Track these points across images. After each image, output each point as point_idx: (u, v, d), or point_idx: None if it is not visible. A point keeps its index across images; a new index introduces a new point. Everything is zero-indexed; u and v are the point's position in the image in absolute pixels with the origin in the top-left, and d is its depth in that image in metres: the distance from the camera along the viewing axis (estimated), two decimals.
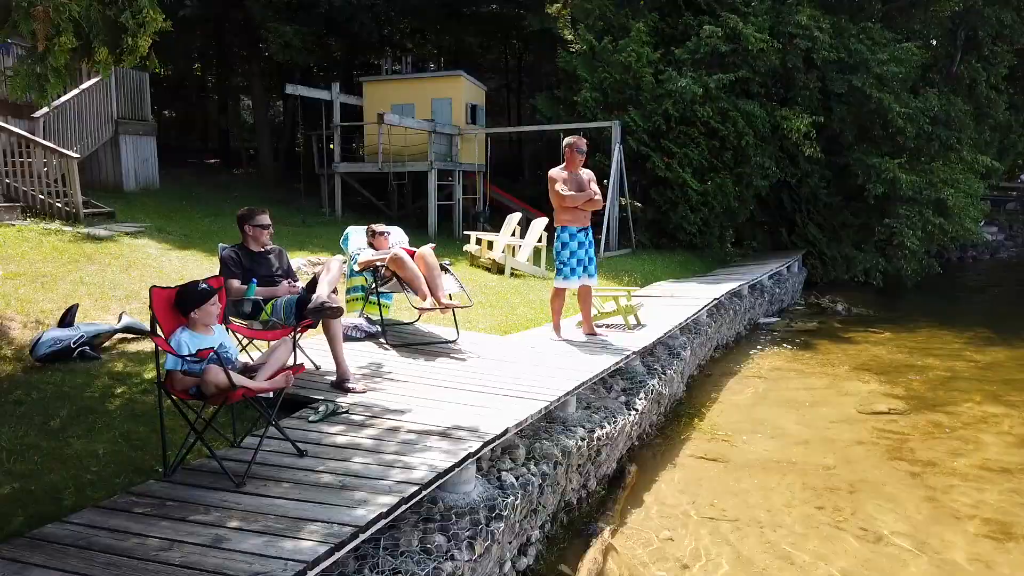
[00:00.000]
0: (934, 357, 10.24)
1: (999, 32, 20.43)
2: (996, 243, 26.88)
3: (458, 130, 18.61)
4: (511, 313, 8.53)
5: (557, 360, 6.00)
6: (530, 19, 21.70)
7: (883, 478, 5.89)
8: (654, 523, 4.96)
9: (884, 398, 8.14)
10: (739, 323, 11.58)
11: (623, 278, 12.03)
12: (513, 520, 3.89)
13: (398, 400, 4.68)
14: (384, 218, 16.83)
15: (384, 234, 6.63)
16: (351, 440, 3.98)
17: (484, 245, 12.60)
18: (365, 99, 19.89)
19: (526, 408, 4.53)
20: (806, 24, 15.81)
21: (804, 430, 7.04)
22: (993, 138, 21.66)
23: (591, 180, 6.69)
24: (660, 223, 17.08)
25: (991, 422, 7.35)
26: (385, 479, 3.42)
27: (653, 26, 16.54)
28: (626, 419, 5.75)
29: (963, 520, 5.13)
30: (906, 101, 16.45)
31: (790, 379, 9.00)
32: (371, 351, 6.10)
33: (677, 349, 7.92)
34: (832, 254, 17.43)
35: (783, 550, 4.64)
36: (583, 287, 6.86)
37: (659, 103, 15.78)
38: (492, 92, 26.83)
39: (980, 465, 6.18)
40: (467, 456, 3.70)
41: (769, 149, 16.36)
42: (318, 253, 10.63)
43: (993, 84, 20.68)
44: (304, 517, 3.04)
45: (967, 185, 16.93)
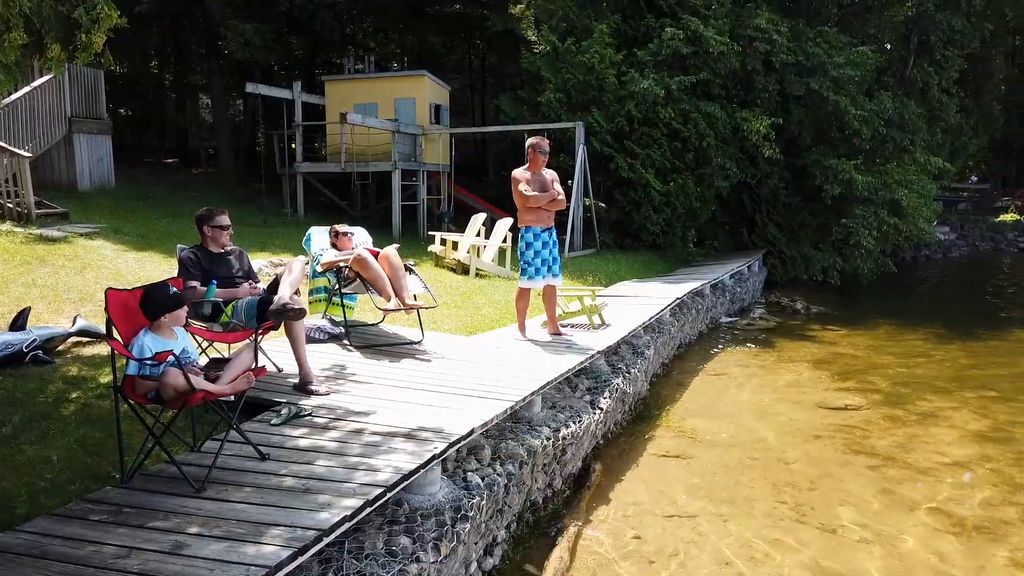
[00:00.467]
0: (890, 354, 10.49)
1: (950, 37, 21.05)
2: (948, 243, 27.61)
3: (422, 130, 18.53)
4: (476, 313, 8.52)
5: (522, 360, 6.01)
6: (493, 19, 21.70)
7: (842, 472, 6.02)
8: (620, 521, 5.00)
9: (842, 394, 8.31)
10: (701, 322, 11.72)
11: (588, 278, 12.10)
12: (479, 521, 3.88)
13: (362, 402, 4.64)
14: (347, 218, 16.68)
15: (347, 235, 6.57)
16: (314, 443, 3.93)
17: (449, 245, 12.56)
18: (327, 98, 19.70)
19: (491, 408, 4.53)
20: (765, 27, 16.08)
21: (765, 426, 7.15)
22: (945, 140, 22.29)
23: (554, 180, 6.71)
24: (624, 223, 17.21)
25: (945, 417, 7.55)
26: (349, 482, 3.38)
27: (616, 28, 16.66)
28: (591, 418, 5.79)
29: (919, 512, 5.27)
30: (861, 104, 16.83)
31: (751, 377, 9.15)
32: (335, 353, 6.04)
33: (641, 348, 7.99)
34: (791, 254, 17.73)
35: (746, 545, 4.71)
36: (548, 287, 6.88)
37: (622, 104, 15.90)
38: (456, 92, 26.78)
39: (935, 459, 6.35)
40: (432, 458, 3.68)
41: (730, 150, 16.59)
42: (280, 254, 10.50)
43: (944, 88, 21.29)
44: (266, 522, 3.00)
45: (920, 186, 17.37)
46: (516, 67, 20.52)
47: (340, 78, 20.73)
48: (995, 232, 30.39)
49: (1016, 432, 7.09)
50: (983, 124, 28.48)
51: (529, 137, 6.88)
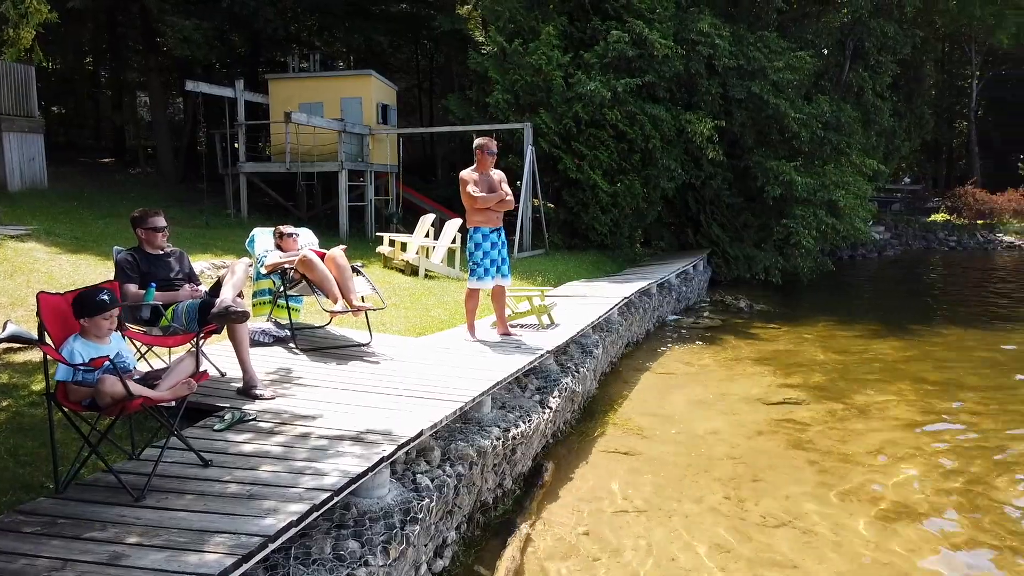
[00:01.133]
0: (829, 350, 10.82)
1: (883, 43, 21.86)
2: (883, 242, 28.61)
3: (369, 130, 18.35)
4: (425, 315, 8.48)
5: (472, 361, 6.00)
6: (440, 19, 21.64)
7: (784, 466, 6.18)
8: (570, 518, 5.03)
9: (784, 390, 8.53)
10: (648, 321, 11.89)
11: (537, 278, 12.15)
12: (429, 522, 3.86)
13: (309, 405, 4.57)
14: (293, 219, 16.42)
15: (292, 235, 6.46)
16: (259, 448, 3.86)
17: (397, 247, 12.47)
18: (271, 97, 19.35)
19: (441, 410, 4.51)
20: (707, 32, 16.41)
21: (711, 422, 7.30)
22: (879, 143, 23.11)
23: (502, 181, 6.72)
24: (572, 224, 17.36)
25: (881, 409, 7.82)
26: (295, 486, 3.33)
27: (562, 30, 16.79)
28: (541, 417, 5.82)
29: (858, 503, 5.44)
30: (800, 107, 17.33)
31: (697, 373, 9.32)
32: (280, 356, 5.93)
33: (590, 347, 8.06)
34: (735, 253, 18.13)
35: (693, 538, 4.79)
36: (497, 287, 6.89)
37: (569, 106, 16.03)
38: (403, 92, 26.60)
39: (872, 451, 6.56)
40: (381, 460, 3.65)
41: (675, 152, 16.88)
42: (223, 256, 10.27)
43: (878, 92, 22.09)
44: (209, 529, 2.93)
45: (856, 187, 17.97)
46: (464, 67, 20.49)
47: (284, 77, 20.38)
48: (927, 231, 31.61)
49: (946, 423, 7.38)
50: (915, 127, 29.65)
51: (477, 138, 6.87)
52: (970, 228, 31.89)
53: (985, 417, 7.62)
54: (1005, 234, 31.72)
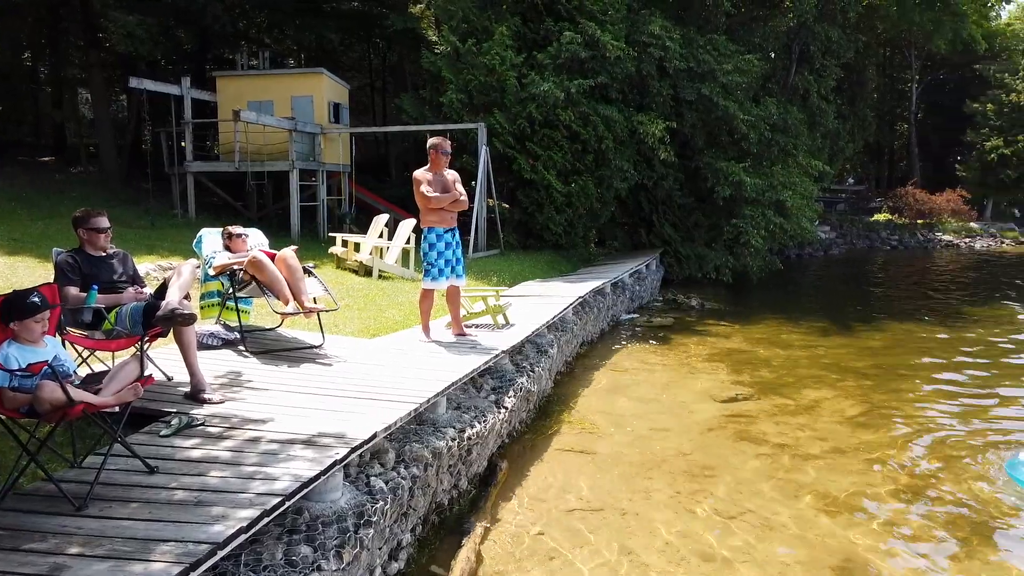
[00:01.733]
0: (777, 346, 11.06)
1: (828, 48, 22.49)
2: (829, 241, 29.42)
3: (321, 129, 18.10)
4: (379, 315, 8.40)
5: (426, 362, 5.97)
6: (393, 18, 21.48)
7: (734, 460, 6.29)
8: (525, 518, 5.04)
9: (734, 386, 8.69)
10: (603, 320, 11.99)
11: (492, 278, 12.15)
12: (383, 525, 3.83)
13: (259, 409, 4.49)
14: (243, 219, 16.11)
15: (241, 236, 6.33)
16: (207, 453, 3.77)
17: (351, 247, 12.33)
18: (219, 95, 18.95)
19: (395, 411, 4.47)
20: (658, 34, 16.63)
21: (664, 419, 7.39)
22: (824, 144, 23.76)
23: (456, 181, 6.70)
24: (527, 224, 17.40)
25: (827, 404, 8.03)
26: (245, 492, 3.26)
27: (516, 30, 16.82)
28: (496, 417, 5.82)
29: (805, 496, 5.57)
30: (749, 109, 17.69)
31: (651, 371, 9.43)
32: (229, 359, 5.81)
33: (545, 347, 8.09)
34: (686, 252, 18.41)
35: (646, 534, 4.85)
36: (451, 288, 6.87)
37: (523, 106, 16.06)
38: (356, 91, 26.34)
39: (817, 444, 6.73)
40: (333, 463, 3.60)
41: (627, 152, 17.06)
42: (169, 257, 10.02)
43: (823, 95, 22.71)
44: (155, 538, 2.85)
45: (803, 187, 18.42)
46: (417, 67, 20.37)
47: (233, 74, 19.99)
48: (870, 231, 32.62)
49: (889, 416, 7.61)
50: (858, 129, 30.59)
51: (431, 138, 6.84)
52: (911, 228, 33.02)
53: (924, 408, 7.89)
54: (943, 233, 32.93)
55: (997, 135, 34.29)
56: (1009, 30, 36.27)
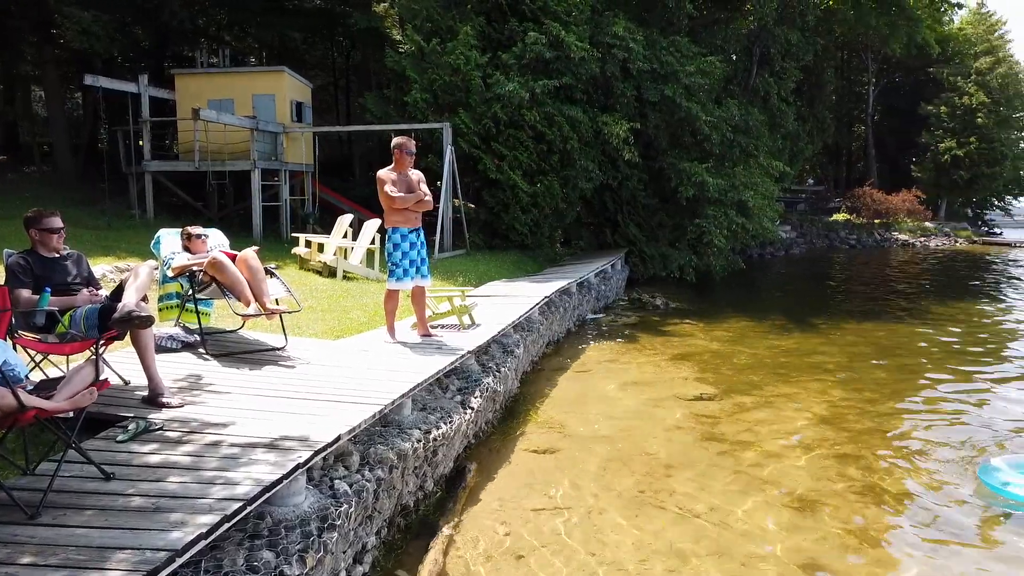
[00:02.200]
0: (740, 345, 11.21)
1: (787, 50, 22.90)
2: (789, 241, 29.92)
3: (283, 128, 17.87)
4: (344, 317, 8.32)
5: (391, 363, 5.92)
6: (356, 17, 21.30)
7: (698, 458, 6.35)
8: (492, 518, 5.03)
9: (699, 384, 8.79)
10: (569, 319, 12.03)
11: (457, 279, 12.11)
12: (347, 528, 3.78)
13: (220, 413, 4.40)
14: (203, 220, 15.83)
15: (201, 237, 6.21)
16: (166, 458, 3.68)
17: (314, 248, 12.19)
18: (178, 93, 18.59)
19: (359, 413, 4.42)
20: (622, 35, 16.74)
21: (629, 418, 7.44)
22: (785, 145, 24.17)
23: (421, 181, 6.66)
24: (493, 224, 17.39)
25: (790, 402, 8.16)
26: (205, 497, 3.20)
27: (480, 30, 16.79)
28: (462, 418, 5.79)
29: (768, 492, 5.65)
30: (711, 110, 17.92)
31: (616, 370, 9.49)
32: (189, 362, 5.69)
33: (511, 347, 8.09)
34: (651, 252, 18.57)
35: (612, 533, 4.87)
36: (416, 288, 6.82)
37: (488, 106, 16.05)
38: (319, 90, 26.06)
39: (779, 441, 6.84)
40: (296, 467, 3.55)
41: (592, 153, 17.14)
42: (126, 258, 9.80)
43: (783, 97, 23.11)
44: (111, 545, 2.78)
45: (764, 188, 18.71)
46: (381, 66, 20.23)
47: (192, 72, 19.65)
48: (829, 231, 33.27)
49: (850, 413, 7.76)
50: (817, 131, 31.19)
51: (396, 137, 6.78)
52: (868, 227, 33.75)
53: (882, 404, 8.07)
54: (900, 232, 33.73)
55: (950, 137, 35.21)
56: (961, 35, 37.26)
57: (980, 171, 34.98)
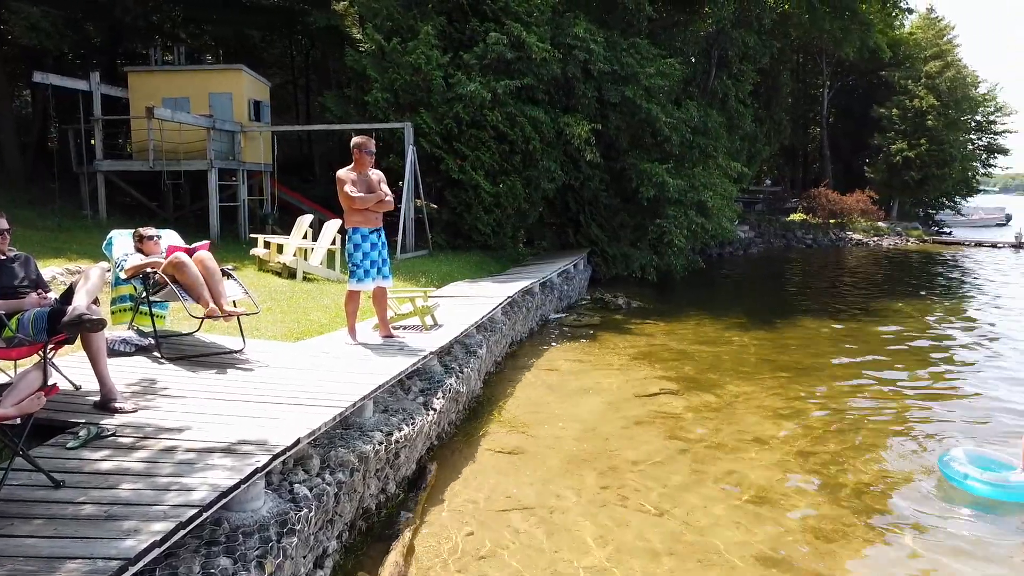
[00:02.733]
0: (700, 343, 11.36)
1: (745, 53, 23.28)
2: (748, 240, 30.41)
3: (240, 127, 17.58)
4: (304, 318, 8.21)
5: (352, 365, 5.86)
6: (315, 15, 21.05)
7: (660, 456, 6.42)
8: (455, 519, 5.01)
9: (660, 382, 8.87)
10: (532, 319, 12.05)
11: (420, 279, 12.05)
12: (307, 533, 3.73)
13: (175, 417, 4.31)
14: (158, 220, 15.51)
15: (153, 238, 6.07)
16: (119, 465, 3.59)
17: (273, 248, 12.02)
18: (131, 91, 18.17)
19: (319, 416, 4.37)
20: (583, 36, 16.83)
21: (591, 417, 7.48)
22: (742, 147, 24.57)
23: (381, 181, 6.61)
24: (456, 224, 17.34)
25: (746, 399, 8.29)
26: (159, 504, 3.12)
27: (441, 30, 16.74)
28: (425, 420, 5.76)
29: (729, 489, 5.73)
30: (671, 112, 18.12)
31: (579, 370, 9.53)
32: (143, 366, 5.56)
33: (474, 347, 8.07)
34: (613, 252, 18.70)
35: (575, 531, 4.89)
36: (378, 289, 6.77)
37: (450, 106, 16.00)
38: (277, 88, 25.72)
39: (739, 438, 6.94)
40: (254, 472, 3.49)
41: (554, 153, 17.21)
42: (78, 260, 9.54)
43: (741, 99, 23.48)
44: (61, 555, 2.70)
45: (723, 188, 18.99)
46: (341, 64, 20.02)
47: (146, 69, 19.20)
48: (786, 230, 33.88)
49: (807, 409, 7.92)
50: (774, 132, 31.77)
51: (355, 136, 6.71)
52: (824, 227, 34.47)
53: (840, 399, 8.24)
54: (854, 232, 34.52)
55: (901, 139, 36.13)
56: (912, 39, 38.25)
57: (930, 172, 35.96)
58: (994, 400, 8.35)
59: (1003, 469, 5.71)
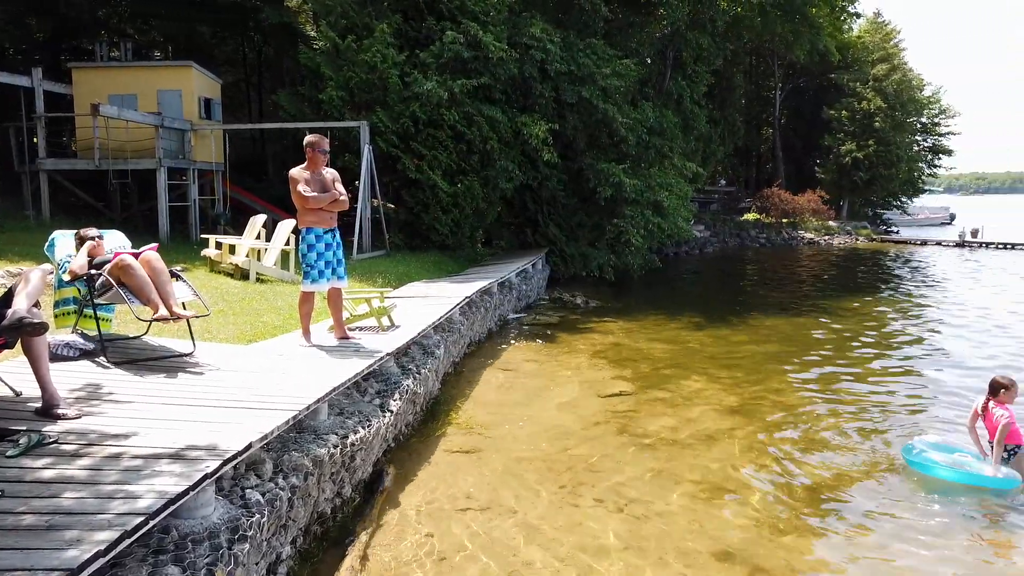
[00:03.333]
0: (657, 341, 11.48)
1: (699, 54, 23.62)
2: (703, 239, 30.87)
3: (190, 125, 17.19)
4: (256, 320, 8.06)
5: (307, 367, 5.77)
6: (268, 11, 20.70)
7: (618, 453, 6.46)
8: (412, 521, 4.97)
9: (617, 381, 8.94)
10: (490, 319, 12.03)
11: (377, 280, 11.93)
12: (260, 539, 3.65)
13: (122, 423, 4.17)
14: (104, 221, 15.08)
15: (97, 239, 5.87)
16: (61, 473, 3.46)
17: (225, 249, 11.77)
18: (75, 88, 17.61)
19: (272, 420, 4.28)
20: (539, 36, 16.88)
21: (550, 415, 7.49)
22: (697, 147, 24.93)
23: (335, 180, 6.52)
24: (413, 224, 17.22)
25: (705, 395, 8.40)
26: (104, 513, 3.02)
27: (397, 28, 16.61)
28: (381, 422, 5.70)
29: (683, 483, 5.80)
30: (627, 112, 18.29)
31: (537, 370, 9.54)
32: (88, 371, 5.38)
33: (431, 348, 8.01)
34: (571, 252, 18.80)
35: (532, 529, 4.88)
36: (333, 290, 6.67)
37: (407, 105, 15.89)
38: (229, 86, 25.23)
39: (695, 435, 7.02)
40: (203, 477, 3.39)
41: (512, 153, 17.21)
42: (19, 263, 9.22)
43: (695, 100, 23.82)
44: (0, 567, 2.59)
45: (679, 188, 19.24)
46: (295, 62, 19.71)
47: (91, 65, 18.64)
48: (741, 230, 34.49)
49: (759, 405, 8.05)
50: (728, 133, 32.31)
51: (308, 135, 6.60)
52: (777, 226, 35.18)
53: (793, 395, 8.41)
54: (806, 231, 35.30)
55: (851, 140, 37.08)
56: (860, 43, 39.27)
57: (878, 172, 36.97)
58: (943, 390, 8.67)
59: (963, 456, 5.92)
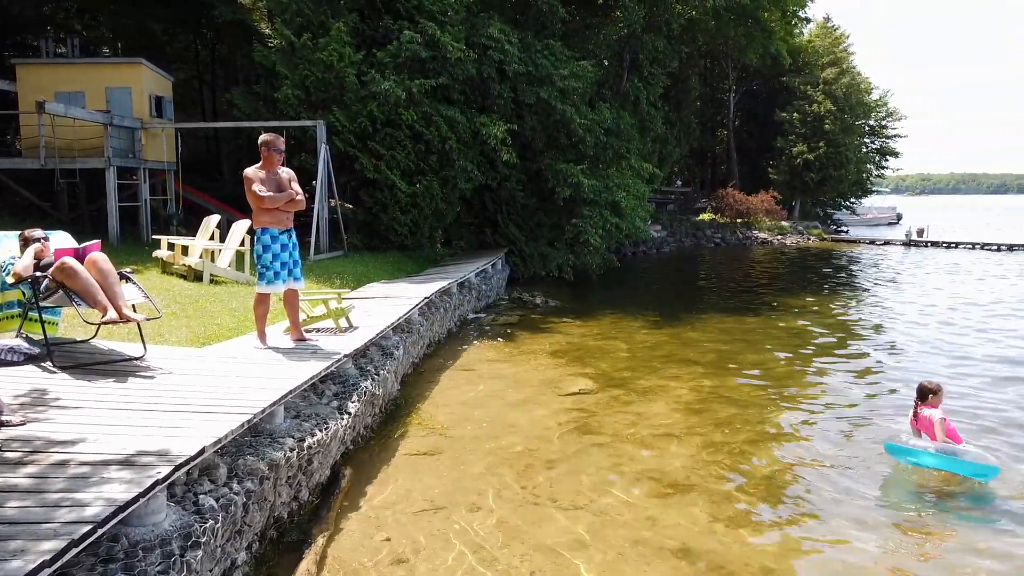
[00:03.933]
0: (616, 340, 11.57)
1: (655, 57, 23.90)
2: (660, 239, 31.23)
3: (141, 123, 16.79)
4: (210, 323, 7.90)
5: (262, 370, 5.67)
6: (221, 8, 20.31)
7: (578, 452, 6.49)
8: (370, 524, 4.92)
9: (577, 380, 8.98)
10: (450, 320, 11.99)
11: (335, 281, 11.80)
12: (214, 545, 3.58)
13: (68, 429, 4.05)
14: (51, 222, 14.63)
15: (43, 240, 5.70)
16: (5, 482, 3.35)
17: (178, 250, 11.52)
18: (19, 85, 17.08)
19: (226, 424, 4.20)
20: (497, 37, 16.89)
21: (510, 415, 7.50)
22: (654, 148, 25.23)
23: (292, 179, 6.43)
24: (372, 224, 17.09)
25: (664, 393, 8.49)
26: (50, 522, 2.93)
27: (354, 27, 16.46)
28: (339, 424, 5.64)
29: (642, 480, 5.85)
30: (585, 113, 18.41)
31: (497, 369, 9.54)
32: (33, 376, 5.21)
33: (390, 349, 7.96)
34: (531, 251, 18.85)
35: (493, 530, 4.88)
36: (289, 291, 6.58)
37: (364, 104, 15.75)
38: (181, 84, 24.72)
39: (652, 431, 7.10)
40: (154, 484, 3.32)
41: (471, 153, 17.19)
42: None
43: (652, 102, 24.09)
44: None
45: (636, 189, 19.43)
46: (250, 60, 19.40)
47: (36, 62, 18.10)
48: (697, 230, 34.99)
49: (715, 402, 8.17)
50: (684, 135, 32.75)
51: (263, 134, 6.50)
52: (731, 226, 35.79)
53: (749, 392, 8.55)
54: (759, 231, 35.97)
55: (802, 142, 37.90)
56: (810, 47, 40.16)
57: (828, 174, 37.85)
58: (895, 379, 8.95)
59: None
